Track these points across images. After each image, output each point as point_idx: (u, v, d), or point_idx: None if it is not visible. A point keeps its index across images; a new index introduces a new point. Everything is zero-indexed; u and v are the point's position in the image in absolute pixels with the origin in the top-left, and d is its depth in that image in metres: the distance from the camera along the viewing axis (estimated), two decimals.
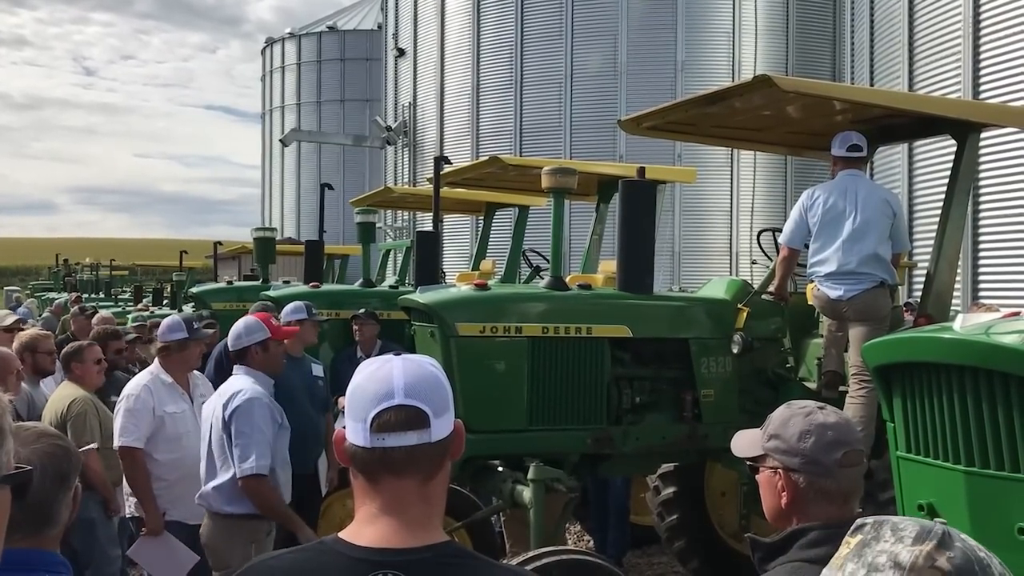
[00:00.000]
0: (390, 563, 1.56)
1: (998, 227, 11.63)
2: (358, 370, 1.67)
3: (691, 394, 5.59)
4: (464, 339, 5.08)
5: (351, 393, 1.63)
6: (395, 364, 1.63)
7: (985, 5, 11.81)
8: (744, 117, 5.81)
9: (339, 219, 29.59)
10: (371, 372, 1.64)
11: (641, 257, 5.58)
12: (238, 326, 4.70)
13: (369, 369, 1.65)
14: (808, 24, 20.65)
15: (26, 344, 5.75)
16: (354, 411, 1.61)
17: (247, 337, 4.63)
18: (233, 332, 4.70)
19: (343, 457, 1.65)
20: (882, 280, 5.27)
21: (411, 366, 1.63)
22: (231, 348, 4.68)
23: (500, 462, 5.37)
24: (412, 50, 23.67)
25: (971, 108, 6.80)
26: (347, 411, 1.63)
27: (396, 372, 1.61)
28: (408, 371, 1.62)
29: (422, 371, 1.63)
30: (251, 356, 4.62)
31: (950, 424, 2.54)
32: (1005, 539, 2.42)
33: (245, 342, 4.63)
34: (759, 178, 19.36)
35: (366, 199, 10.47)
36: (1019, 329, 2.55)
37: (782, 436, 2.03)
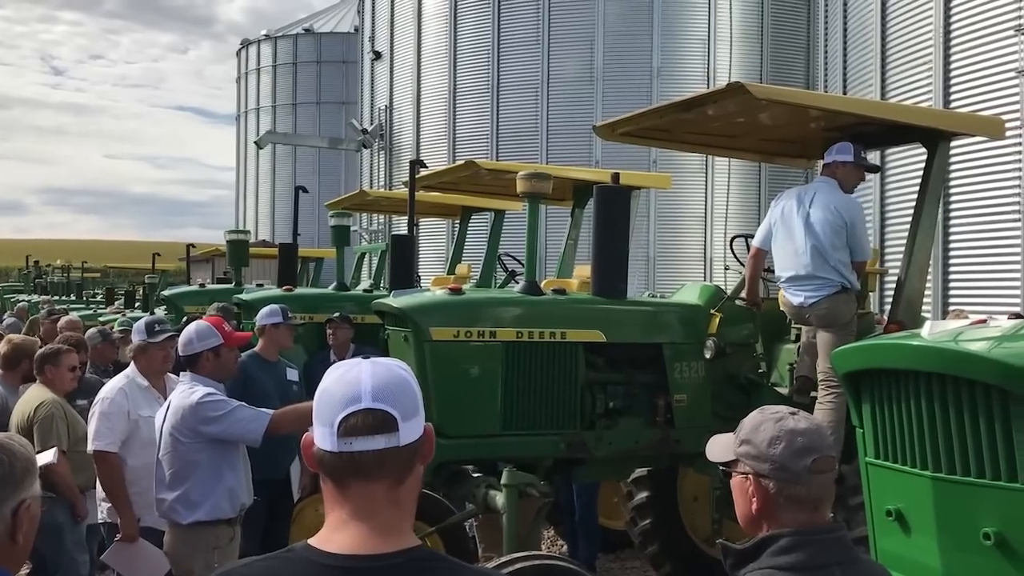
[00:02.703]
0: (361, 570, 1.54)
1: (968, 235, 11.77)
2: (326, 374, 1.65)
3: (664, 399, 5.61)
4: (438, 343, 5.07)
5: (319, 397, 1.61)
6: (363, 367, 1.61)
7: (956, 16, 11.96)
8: (718, 124, 5.85)
9: (314, 222, 29.42)
10: (339, 376, 1.61)
11: (615, 262, 5.59)
12: (189, 331, 4.60)
13: (337, 373, 1.63)
14: (783, 32, 20.83)
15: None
16: (321, 415, 1.59)
17: (199, 343, 4.54)
18: (184, 337, 4.58)
19: (311, 462, 1.62)
20: (842, 285, 5.30)
21: (379, 369, 1.61)
22: (181, 353, 4.59)
23: (473, 467, 5.37)
24: (388, 53, 23.63)
25: (941, 117, 6.88)
26: (314, 415, 1.61)
27: (364, 375, 1.59)
28: (376, 374, 1.60)
29: (390, 374, 1.61)
30: (202, 362, 4.55)
31: (918, 430, 2.56)
32: (971, 544, 2.45)
33: (197, 348, 4.53)
34: (733, 185, 19.49)
35: (341, 202, 10.42)
36: (986, 336, 2.58)
37: (753, 441, 2.02)
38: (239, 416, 4.26)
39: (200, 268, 22.55)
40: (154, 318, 5.51)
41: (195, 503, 4.28)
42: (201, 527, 4.31)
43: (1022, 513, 2.34)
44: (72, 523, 5.28)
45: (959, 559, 2.52)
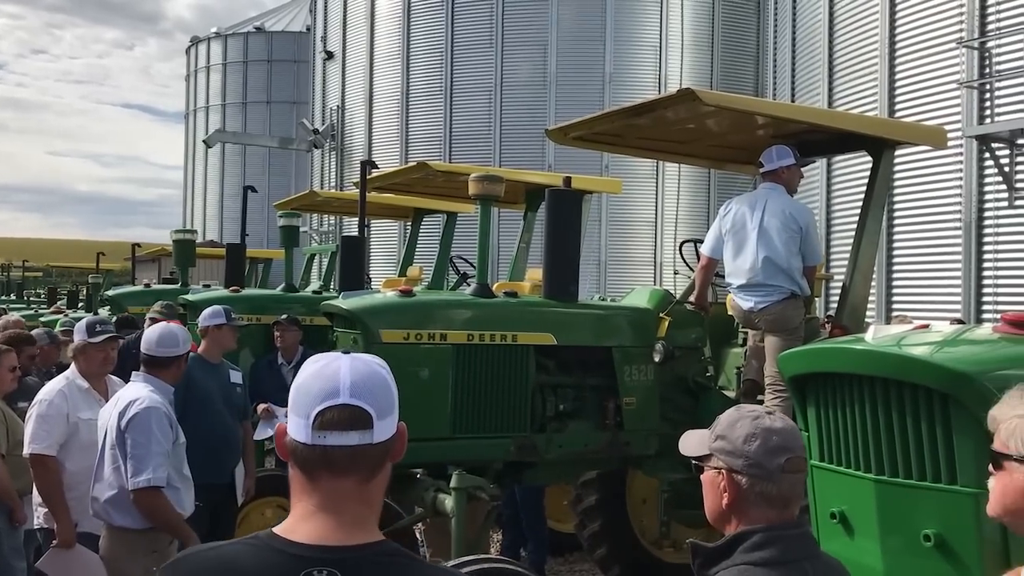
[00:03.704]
0: (325, 560, 1.54)
1: (912, 242, 12.03)
2: (305, 365, 1.65)
3: (614, 401, 5.64)
4: (387, 346, 5.02)
5: (296, 388, 1.61)
6: (343, 362, 1.61)
7: (901, 28, 12.23)
8: (669, 129, 5.90)
9: (263, 222, 29.12)
10: (318, 369, 1.61)
11: (567, 265, 5.61)
12: (175, 333, 4.52)
13: (316, 366, 1.63)
14: (733, 40, 21.11)
15: None
16: (298, 407, 1.59)
17: (184, 346, 4.52)
18: (161, 338, 4.50)
19: (283, 451, 1.62)
20: (792, 292, 5.37)
21: (359, 365, 1.61)
22: (152, 353, 4.49)
23: (422, 471, 5.33)
24: (341, 53, 23.46)
25: (886, 126, 7.01)
26: (291, 406, 1.61)
27: (343, 370, 1.59)
28: (355, 370, 1.60)
29: (369, 371, 1.61)
30: (177, 365, 4.48)
31: (861, 433, 2.60)
32: (912, 546, 2.49)
33: (181, 351, 4.50)
34: (683, 190, 19.71)
35: (290, 202, 10.30)
36: (928, 341, 2.63)
37: (728, 437, 2.04)
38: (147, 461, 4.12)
39: (146, 268, 22.14)
40: (96, 318, 5.38)
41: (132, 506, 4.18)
42: (140, 531, 4.21)
43: (961, 515, 2.38)
44: (10, 529, 5.13)
45: (901, 560, 2.56)
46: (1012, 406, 1.87)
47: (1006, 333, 2.57)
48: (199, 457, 4.72)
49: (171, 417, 4.33)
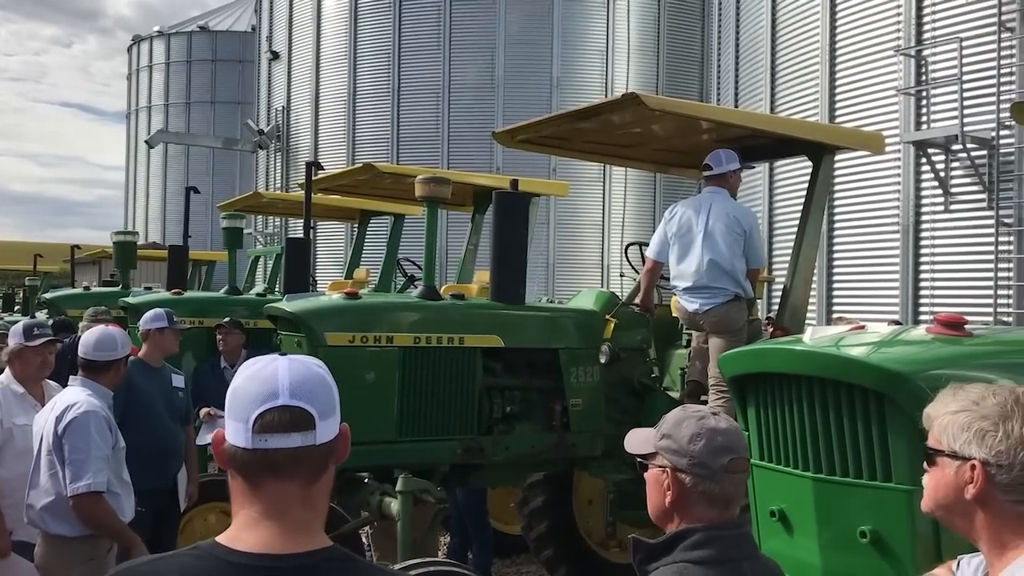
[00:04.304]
0: (272, 569, 1.51)
1: (851, 245, 12.30)
2: (241, 370, 1.62)
3: (560, 403, 5.67)
4: (333, 349, 4.98)
5: (233, 393, 1.58)
6: (280, 364, 1.58)
7: (841, 36, 12.50)
8: (615, 133, 5.95)
9: (206, 224, 28.68)
10: (255, 371, 1.58)
11: (514, 268, 5.62)
12: (113, 336, 4.42)
13: (253, 368, 1.59)
14: (678, 46, 21.38)
15: None
16: (236, 411, 1.56)
17: (122, 350, 4.41)
18: (99, 342, 4.40)
19: (221, 459, 1.58)
20: (736, 294, 5.45)
21: (297, 366, 1.59)
22: (90, 357, 4.39)
23: (368, 474, 5.30)
24: (287, 53, 23.23)
25: (826, 131, 7.16)
26: (228, 411, 1.57)
27: (281, 372, 1.56)
28: (294, 371, 1.57)
29: (308, 371, 1.59)
30: (116, 369, 4.38)
31: (800, 432, 2.65)
32: (848, 542, 2.54)
33: (120, 354, 4.39)
34: (629, 193, 19.89)
35: (234, 204, 10.17)
36: (865, 342, 2.69)
37: (674, 436, 2.07)
38: (86, 466, 4.03)
39: (85, 270, 21.67)
40: (33, 321, 5.25)
41: (71, 514, 4.08)
42: (76, 539, 4.11)
43: (895, 511, 2.44)
44: None
45: (838, 557, 2.62)
46: (945, 404, 1.92)
47: (939, 334, 2.64)
48: (140, 462, 4.63)
49: (110, 421, 4.25)
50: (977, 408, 1.86)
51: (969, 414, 1.85)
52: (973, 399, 1.88)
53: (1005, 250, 10.43)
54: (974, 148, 10.68)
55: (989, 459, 1.80)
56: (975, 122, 10.63)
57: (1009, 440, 1.80)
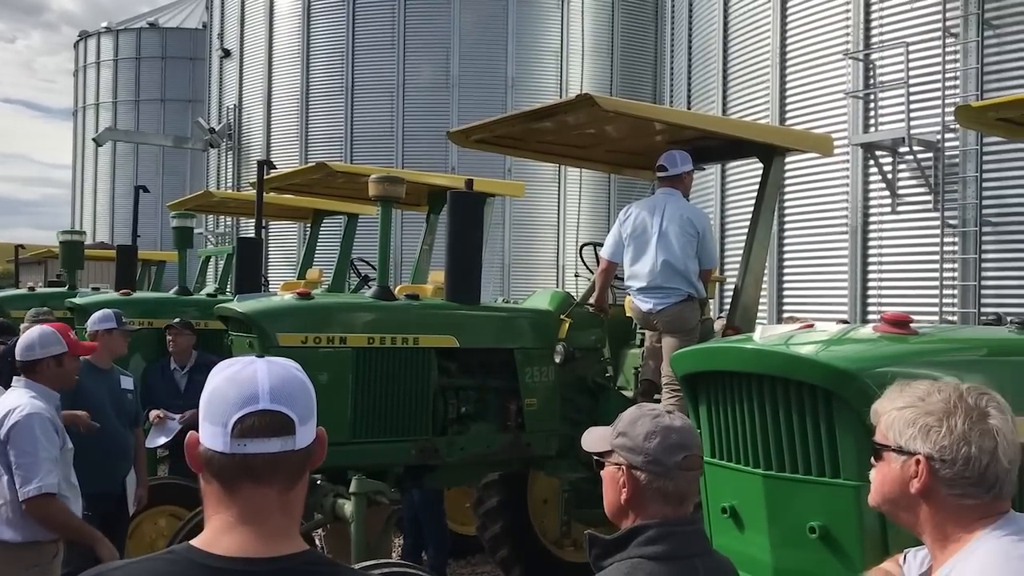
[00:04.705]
0: (251, 573, 1.49)
1: (801, 245, 12.49)
2: (215, 371, 1.59)
3: (515, 403, 5.67)
4: (285, 350, 4.93)
5: (210, 395, 1.54)
6: (259, 366, 1.56)
7: (791, 40, 12.69)
8: (569, 134, 5.97)
9: (156, 224, 28.28)
10: (232, 374, 1.55)
11: (469, 268, 5.61)
12: (31, 336, 4.32)
13: (230, 370, 1.56)
14: (631, 48, 21.54)
15: None
16: (213, 414, 1.53)
17: (41, 349, 4.26)
18: (25, 342, 4.30)
19: (196, 462, 1.56)
20: (689, 294, 5.51)
21: (276, 369, 1.56)
22: (20, 358, 4.29)
23: (321, 476, 5.25)
24: (238, 51, 22.97)
25: (776, 133, 7.26)
26: (204, 414, 1.54)
27: (260, 375, 1.54)
28: (273, 374, 1.55)
29: (287, 375, 1.56)
30: (41, 370, 4.26)
31: (751, 430, 2.68)
32: (798, 538, 2.58)
33: (39, 354, 4.26)
34: (584, 194, 20.00)
35: (185, 203, 10.02)
36: (813, 340, 2.73)
37: (629, 434, 2.10)
38: (36, 468, 3.93)
39: (31, 271, 21.20)
40: None
41: (15, 519, 3.99)
42: (21, 544, 4.02)
43: (843, 507, 2.48)
44: None
45: (788, 553, 2.65)
46: (892, 400, 1.96)
47: (885, 332, 2.69)
48: (88, 466, 4.55)
49: (56, 423, 4.15)
50: (922, 404, 1.89)
51: (915, 410, 1.89)
52: (919, 395, 1.92)
53: (950, 250, 10.67)
54: (920, 150, 10.91)
55: (933, 454, 1.84)
56: (921, 125, 10.86)
57: (952, 436, 1.84)
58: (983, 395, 1.92)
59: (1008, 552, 1.79)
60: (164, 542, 5.73)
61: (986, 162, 10.46)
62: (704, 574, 2.05)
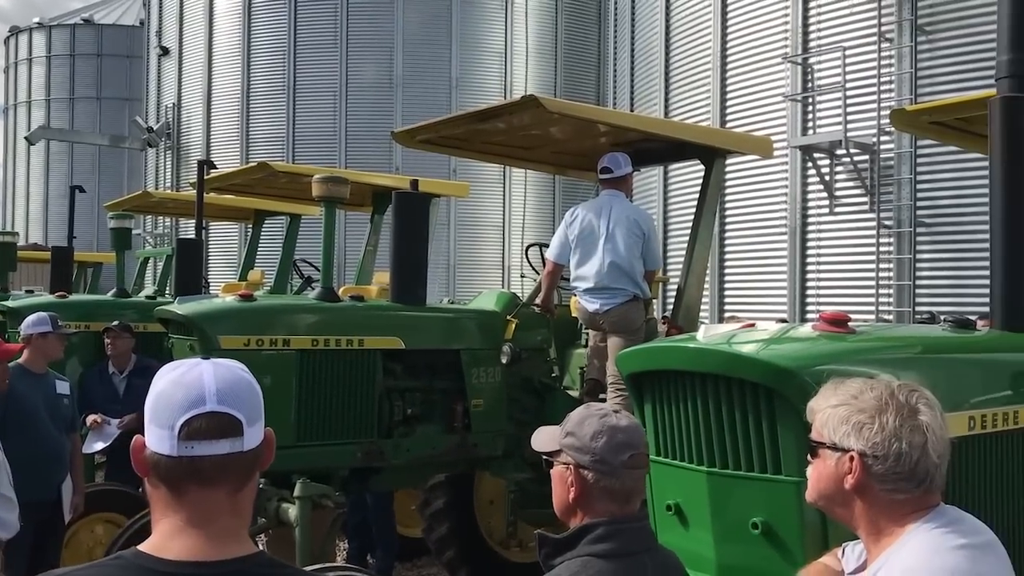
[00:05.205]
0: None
1: (742, 246, 12.69)
2: (161, 373, 1.57)
3: (462, 404, 5.67)
4: (226, 352, 4.85)
5: (155, 398, 1.53)
6: (204, 368, 1.55)
7: (732, 43, 12.89)
8: (513, 135, 5.99)
9: (93, 224, 27.66)
10: (178, 376, 1.54)
11: (414, 269, 5.60)
12: None
13: (176, 373, 1.55)
14: (575, 50, 21.67)
15: None
16: (159, 417, 1.51)
17: None
18: None
19: (142, 467, 1.54)
20: (634, 295, 5.57)
21: (222, 371, 1.55)
22: None
23: (264, 480, 5.19)
24: (177, 49, 22.57)
25: (717, 135, 7.37)
26: (149, 417, 1.53)
27: (207, 376, 1.53)
28: (219, 376, 1.54)
29: (234, 376, 1.56)
30: None
31: (694, 428, 2.72)
32: (741, 534, 2.62)
33: None
34: (530, 194, 20.06)
35: (122, 203, 9.84)
36: (755, 339, 2.77)
37: (577, 434, 2.13)
38: None
39: None
40: None
41: None
42: None
43: (784, 503, 2.53)
44: None
45: (731, 549, 2.69)
46: (827, 398, 2.01)
47: (824, 331, 2.74)
48: (23, 473, 4.42)
49: None
50: (855, 402, 1.94)
51: (848, 407, 1.93)
52: (852, 393, 1.96)
53: (886, 251, 10.93)
54: (857, 153, 11.16)
55: (866, 450, 1.88)
56: (858, 128, 11.11)
57: (884, 432, 1.89)
58: (914, 392, 1.97)
59: (938, 544, 1.84)
60: (102, 550, 5.61)
61: (920, 164, 10.74)
62: (652, 570, 2.09)
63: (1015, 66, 3.11)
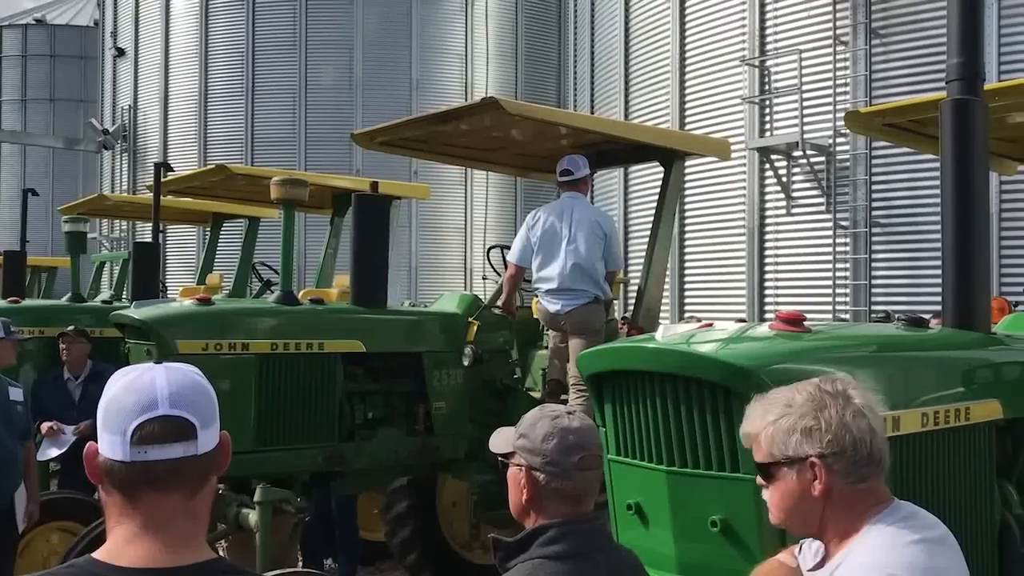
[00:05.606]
0: None
1: (701, 246, 12.80)
2: (113, 379, 1.56)
3: (423, 407, 5.67)
4: (184, 357, 4.80)
5: (107, 404, 1.52)
6: (157, 372, 1.54)
7: (690, 47, 13.00)
8: (474, 137, 6.00)
9: (47, 228, 27.18)
10: (130, 381, 1.53)
11: (375, 272, 5.58)
12: None
13: (127, 378, 1.54)
14: (536, 52, 21.71)
15: None
16: (111, 423, 1.50)
17: None
18: None
19: (95, 473, 1.52)
20: (596, 296, 5.60)
21: (174, 374, 1.55)
22: None
23: (224, 485, 5.14)
24: (133, 50, 22.24)
25: (676, 138, 7.43)
26: (102, 424, 1.51)
27: (159, 380, 1.52)
28: (172, 380, 1.53)
29: (187, 380, 1.55)
30: None
31: (653, 427, 2.74)
32: (700, 531, 2.64)
33: None
34: (491, 196, 20.06)
35: (77, 206, 9.69)
36: (713, 339, 2.80)
37: (529, 436, 2.13)
38: None
39: None
40: None
41: None
42: None
43: (743, 501, 2.55)
44: None
45: (691, 547, 2.72)
46: (760, 417, 1.97)
47: (780, 330, 2.78)
48: None
49: None
50: (792, 410, 1.91)
51: (788, 418, 1.91)
52: (783, 403, 1.94)
53: (842, 251, 11.09)
54: (813, 154, 11.31)
55: (824, 451, 1.87)
56: (814, 130, 11.26)
57: (832, 427, 1.88)
58: (836, 381, 1.97)
59: (894, 540, 1.86)
60: (57, 559, 5.51)
61: (875, 166, 10.91)
62: (606, 569, 2.09)
63: (964, 69, 3.18)
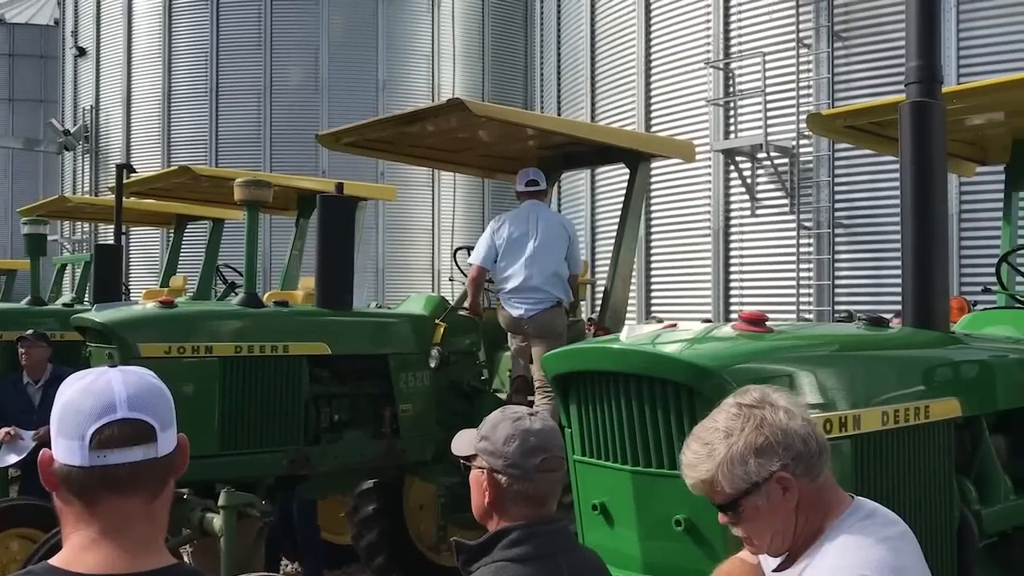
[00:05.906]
0: None
1: (667, 247, 12.88)
2: (67, 384, 1.53)
3: (390, 409, 5.65)
4: (147, 360, 4.75)
5: (63, 409, 1.49)
6: (112, 376, 1.52)
7: (655, 49, 13.07)
8: (441, 138, 6.00)
9: (6, 230, 26.76)
10: (85, 385, 1.51)
11: (340, 273, 5.56)
12: None
13: (83, 382, 1.51)
14: (503, 53, 21.72)
15: None
16: (67, 428, 1.47)
17: None
18: None
19: (51, 481, 1.50)
20: (559, 300, 5.65)
21: (131, 377, 1.53)
22: None
23: (188, 490, 5.08)
24: (94, 50, 21.94)
25: (642, 140, 7.48)
26: (57, 429, 1.49)
27: (116, 383, 1.50)
28: (129, 382, 1.52)
29: (143, 382, 1.54)
30: None
31: (618, 427, 2.75)
32: (665, 531, 2.66)
33: None
34: (459, 198, 20.02)
35: (37, 208, 9.56)
36: (677, 339, 2.82)
37: (491, 438, 2.12)
38: None
39: None
40: None
41: None
42: None
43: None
44: None
45: (656, 546, 2.73)
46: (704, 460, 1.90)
47: (743, 330, 2.80)
48: None
49: None
50: (731, 437, 1.88)
51: (735, 447, 1.86)
52: (721, 435, 1.89)
53: (806, 252, 11.21)
54: (777, 156, 11.42)
55: (785, 461, 1.85)
56: (778, 132, 11.37)
57: (778, 435, 1.86)
58: (750, 391, 1.95)
59: (859, 540, 1.87)
60: (17, 567, 5.43)
61: (838, 167, 11.04)
62: (568, 570, 2.09)
63: (923, 72, 3.23)
